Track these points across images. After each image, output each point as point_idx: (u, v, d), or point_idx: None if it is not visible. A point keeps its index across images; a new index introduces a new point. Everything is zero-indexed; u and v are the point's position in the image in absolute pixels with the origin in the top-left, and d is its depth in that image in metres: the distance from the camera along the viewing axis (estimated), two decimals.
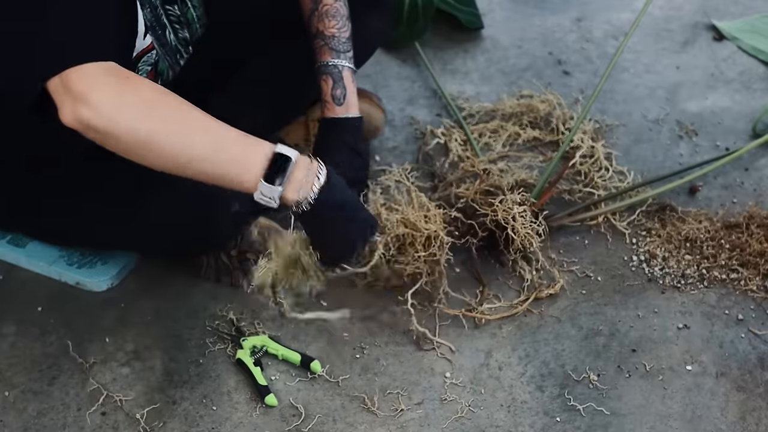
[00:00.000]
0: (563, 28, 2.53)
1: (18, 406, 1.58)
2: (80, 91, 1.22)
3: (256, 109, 1.77)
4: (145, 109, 1.26)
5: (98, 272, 1.76)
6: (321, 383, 1.62)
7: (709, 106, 2.28)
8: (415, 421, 1.57)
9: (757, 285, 1.80)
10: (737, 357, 1.68)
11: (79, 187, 1.59)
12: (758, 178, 2.06)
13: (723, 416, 1.58)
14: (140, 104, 1.26)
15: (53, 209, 1.63)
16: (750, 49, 2.45)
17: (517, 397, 1.61)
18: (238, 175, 1.30)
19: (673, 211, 1.95)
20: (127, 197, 1.58)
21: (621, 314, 1.76)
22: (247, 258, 1.75)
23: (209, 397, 1.60)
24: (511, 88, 2.31)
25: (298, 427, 1.56)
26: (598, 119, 2.21)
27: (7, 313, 1.73)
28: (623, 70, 2.38)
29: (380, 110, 2.09)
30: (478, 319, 1.73)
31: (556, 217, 1.91)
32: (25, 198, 1.64)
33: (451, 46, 2.45)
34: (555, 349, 1.69)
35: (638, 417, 1.58)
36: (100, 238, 1.71)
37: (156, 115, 1.27)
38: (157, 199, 1.57)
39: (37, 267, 1.79)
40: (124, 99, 1.25)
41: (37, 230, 1.75)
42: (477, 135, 2.15)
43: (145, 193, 1.56)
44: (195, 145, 1.28)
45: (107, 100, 1.24)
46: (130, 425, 1.56)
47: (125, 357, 1.66)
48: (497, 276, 1.82)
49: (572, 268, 1.84)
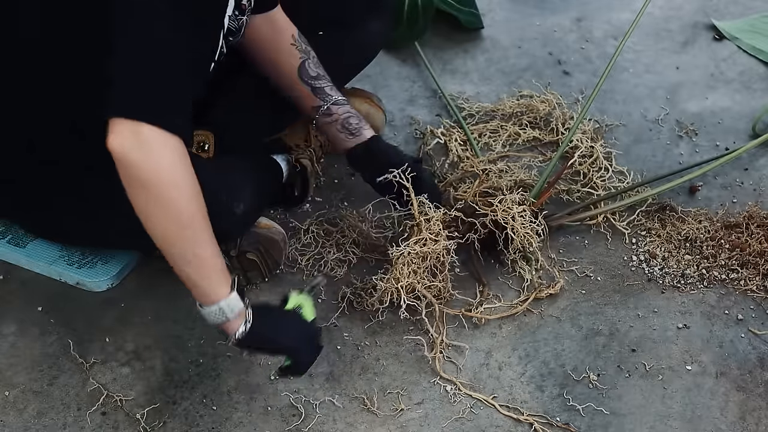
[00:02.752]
0: (563, 28, 2.53)
1: (18, 406, 1.58)
2: (148, 141, 1.31)
3: (258, 114, 1.83)
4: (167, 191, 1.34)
5: (98, 272, 1.77)
6: (321, 383, 1.63)
7: (709, 106, 2.28)
8: (415, 421, 1.57)
9: (757, 285, 1.80)
10: (737, 357, 1.68)
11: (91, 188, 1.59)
12: (758, 178, 2.06)
13: (723, 416, 1.58)
14: (169, 185, 1.33)
15: (64, 208, 1.63)
16: (750, 49, 2.45)
17: (517, 397, 1.61)
18: (200, 284, 1.41)
19: (673, 211, 1.96)
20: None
21: (621, 314, 1.76)
22: (247, 258, 1.75)
23: (209, 397, 1.60)
24: (511, 88, 2.31)
25: (298, 427, 1.56)
26: (597, 119, 2.21)
27: (7, 313, 1.73)
28: (623, 69, 2.38)
29: (380, 110, 2.09)
30: (478, 319, 1.73)
31: (556, 217, 1.91)
32: (39, 194, 1.64)
33: (451, 46, 2.45)
34: (555, 349, 1.69)
35: (638, 417, 1.58)
36: (103, 237, 1.71)
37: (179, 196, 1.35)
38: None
39: (37, 267, 1.79)
40: (170, 171, 1.33)
41: (42, 228, 1.75)
42: (477, 135, 2.15)
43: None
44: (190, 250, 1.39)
45: (161, 164, 1.32)
46: (130, 425, 1.56)
47: (125, 357, 1.66)
48: (497, 276, 1.82)
49: (572, 268, 1.84)
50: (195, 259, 1.39)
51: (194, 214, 1.37)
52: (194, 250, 1.38)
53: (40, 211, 1.68)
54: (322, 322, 1.72)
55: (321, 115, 1.77)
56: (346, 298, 1.74)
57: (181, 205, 1.35)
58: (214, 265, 1.41)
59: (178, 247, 1.39)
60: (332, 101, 1.77)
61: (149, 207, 1.35)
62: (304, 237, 1.86)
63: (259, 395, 1.60)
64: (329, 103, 1.77)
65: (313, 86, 1.76)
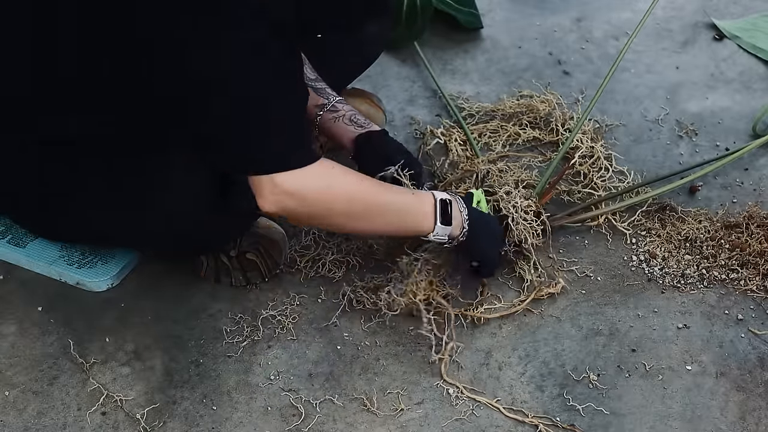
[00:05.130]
0: (563, 28, 2.53)
1: (18, 406, 1.58)
2: (289, 191, 1.44)
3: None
4: (341, 204, 1.51)
5: (98, 272, 1.77)
6: (321, 383, 1.63)
7: (709, 106, 2.28)
8: (415, 421, 1.57)
9: (757, 285, 1.80)
10: (737, 357, 1.68)
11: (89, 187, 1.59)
12: (758, 178, 2.06)
13: (723, 416, 1.58)
14: (336, 201, 1.51)
15: (61, 208, 1.63)
16: (750, 48, 2.45)
17: (517, 397, 1.61)
18: (420, 228, 1.60)
19: (673, 211, 1.95)
20: (136, 198, 1.58)
21: (621, 314, 1.76)
22: (247, 258, 1.75)
23: (209, 397, 1.60)
24: (511, 88, 2.31)
25: (298, 427, 1.56)
26: (598, 119, 2.21)
27: (7, 313, 1.73)
28: (623, 70, 2.38)
29: (380, 110, 2.09)
30: (477, 318, 1.73)
31: (556, 217, 1.91)
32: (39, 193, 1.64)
33: (450, 46, 2.45)
34: (555, 348, 1.69)
35: (638, 417, 1.58)
36: (104, 236, 1.71)
37: (350, 211, 1.53)
38: (164, 200, 1.57)
39: (37, 267, 1.79)
40: (325, 196, 1.49)
41: (41, 226, 1.75)
42: (477, 135, 2.15)
43: (153, 193, 1.56)
44: (384, 224, 1.61)
45: (311, 197, 1.47)
46: (130, 425, 1.56)
47: (125, 357, 1.66)
48: (497, 276, 1.82)
49: (572, 268, 1.84)
50: (401, 221, 1.59)
51: (368, 201, 1.55)
52: (393, 223, 1.60)
53: (39, 210, 1.68)
54: (322, 322, 1.73)
55: (327, 111, 1.78)
56: (347, 296, 1.74)
57: (354, 209, 1.53)
58: (414, 215, 1.59)
59: (380, 224, 1.60)
60: (336, 99, 1.79)
61: (340, 224, 1.58)
62: (304, 238, 1.86)
63: (259, 395, 1.60)
64: (334, 101, 1.78)
65: (314, 87, 1.77)
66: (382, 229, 1.65)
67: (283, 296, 1.77)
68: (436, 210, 1.59)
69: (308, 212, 1.50)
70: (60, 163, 1.57)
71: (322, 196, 1.48)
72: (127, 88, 1.42)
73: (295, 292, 1.77)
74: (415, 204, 1.59)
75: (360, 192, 1.54)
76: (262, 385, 1.62)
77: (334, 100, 1.79)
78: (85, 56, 1.42)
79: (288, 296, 1.77)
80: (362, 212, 1.55)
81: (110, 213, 1.60)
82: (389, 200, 1.58)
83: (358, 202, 1.54)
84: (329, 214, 1.52)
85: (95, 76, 1.43)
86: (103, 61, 1.41)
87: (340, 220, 1.55)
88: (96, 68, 1.42)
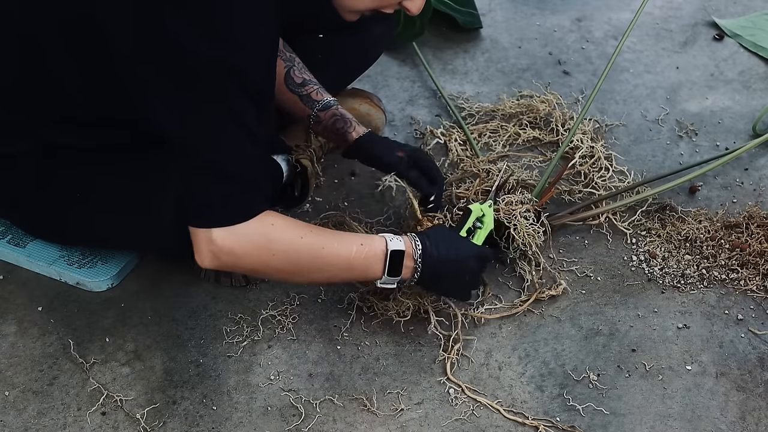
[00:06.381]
0: (563, 28, 2.53)
1: (18, 406, 1.58)
2: (224, 248, 1.44)
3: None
4: (279, 261, 1.49)
5: (98, 272, 1.77)
6: (321, 383, 1.63)
7: (709, 106, 2.28)
8: (415, 421, 1.57)
9: (757, 285, 1.80)
10: (737, 357, 1.68)
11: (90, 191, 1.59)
12: (758, 178, 2.06)
13: (723, 416, 1.58)
14: (274, 259, 1.48)
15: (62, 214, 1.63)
16: (751, 46, 2.45)
17: (517, 397, 1.61)
18: (365, 278, 1.58)
19: (673, 210, 1.96)
20: (138, 202, 1.58)
21: (621, 314, 1.76)
22: None
23: (209, 397, 1.60)
24: (511, 88, 2.31)
25: (298, 427, 1.56)
26: (597, 119, 2.21)
27: (7, 313, 1.73)
28: (623, 70, 2.38)
29: (380, 110, 2.09)
30: (477, 319, 1.73)
31: (557, 217, 1.91)
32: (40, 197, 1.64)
33: (450, 46, 2.45)
34: (555, 348, 1.69)
35: (638, 417, 1.58)
36: (105, 238, 1.71)
37: (289, 268, 1.52)
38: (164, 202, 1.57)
39: (37, 267, 1.79)
40: (261, 253, 1.47)
41: (41, 228, 1.75)
42: (477, 135, 2.15)
43: (153, 195, 1.56)
44: (326, 278, 1.62)
45: (247, 254, 1.46)
46: (130, 425, 1.56)
47: (125, 357, 1.66)
48: (497, 276, 1.82)
49: (572, 267, 1.84)
50: (344, 271, 1.55)
51: (309, 257, 1.51)
52: (330, 273, 1.56)
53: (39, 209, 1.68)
54: (322, 322, 1.72)
55: (313, 123, 1.80)
56: (354, 304, 1.74)
57: (293, 266, 1.51)
58: (359, 270, 1.55)
59: (321, 279, 1.62)
60: (319, 107, 1.78)
61: (282, 278, 1.61)
62: None
63: (259, 395, 1.60)
64: (315, 109, 1.78)
65: (300, 94, 1.78)
66: (325, 281, 1.69)
67: (283, 296, 1.77)
68: (386, 262, 1.55)
69: (247, 268, 1.51)
70: (62, 168, 1.58)
71: (259, 252, 1.47)
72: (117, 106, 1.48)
73: (295, 292, 1.77)
74: (359, 258, 1.53)
75: (300, 249, 1.50)
76: (262, 385, 1.62)
77: (316, 109, 1.78)
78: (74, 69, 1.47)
79: (288, 296, 1.77)
80: (302, 269, 1.53)
81: (113, 218, 1.60)
82: (332, 255, 1.52)
83: (297, 259, 1.51)
84: (267, 270, 1.52)
85: (93, 86, 1.47)
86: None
87: (281, 275, 1.57)
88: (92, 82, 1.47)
